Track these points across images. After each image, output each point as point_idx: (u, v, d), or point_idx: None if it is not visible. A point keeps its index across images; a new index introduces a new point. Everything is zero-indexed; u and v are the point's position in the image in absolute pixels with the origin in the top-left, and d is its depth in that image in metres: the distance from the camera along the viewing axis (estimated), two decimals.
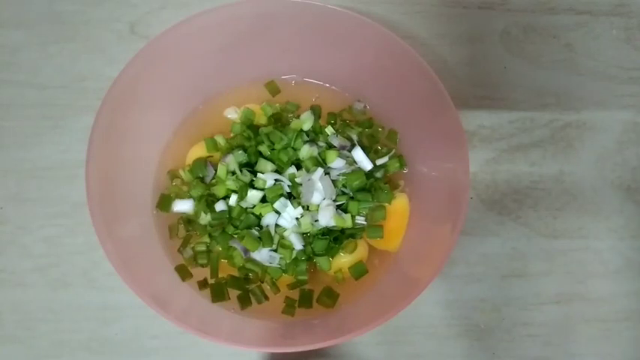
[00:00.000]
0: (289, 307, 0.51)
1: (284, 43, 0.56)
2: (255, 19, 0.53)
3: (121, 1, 0.65)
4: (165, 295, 0.48)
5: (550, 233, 0.59)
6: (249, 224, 0.51)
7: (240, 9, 0.53)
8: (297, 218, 0.51)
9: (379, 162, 0.55)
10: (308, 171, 0.52)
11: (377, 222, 0.53)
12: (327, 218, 0.51)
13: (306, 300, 0.52)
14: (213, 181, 0.54)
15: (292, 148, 0.53)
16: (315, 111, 0.57)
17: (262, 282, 0.52)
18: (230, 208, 0.52)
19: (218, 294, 0.51)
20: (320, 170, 0.52)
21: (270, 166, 0.53)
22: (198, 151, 0.55)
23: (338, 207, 0.52)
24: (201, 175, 0.54)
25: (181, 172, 0.55)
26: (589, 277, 0.58)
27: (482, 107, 0.63)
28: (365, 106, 0.59)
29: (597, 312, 0.56)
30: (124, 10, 0.65)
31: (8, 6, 0.65)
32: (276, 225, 0.52)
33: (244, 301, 0.51)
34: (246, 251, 0.51)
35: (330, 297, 0.52)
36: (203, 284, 0.51)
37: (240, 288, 0.51)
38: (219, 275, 0.52)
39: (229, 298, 0.51)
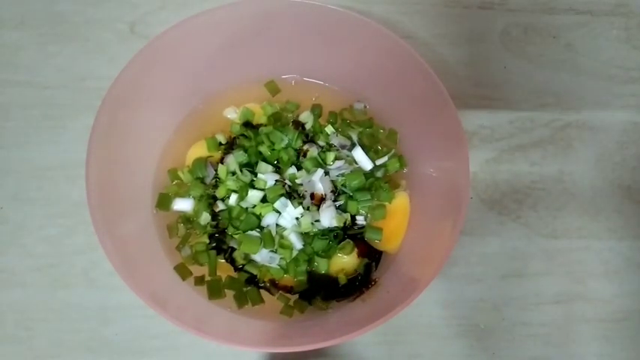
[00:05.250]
0: (288, 307, 0.51)
1: (284, 43, 0.56)
2: (255, 19, 0.53)
3: (121, 1, 0.65)
4: (164, 295, 0.47)
5: (550, 233, 0.59)
6: (249, 225, 0.51)
7: (240, 9, 0.53)
8: (297, 218, 0.51)
9: (379, 162, 0.55)
10: (308, 172, 0.52)
11: (377, 220, 0.53)
12: (329, 219, 0.51)
13: (305, 300, 0.52)
14: (213, 181, 0.54)
15: (292, 148, 0.53)
16: (315, 110, 0.57)
17: (262, 282, 0.52)
18: (230, 207, 0.52)
19: (215, 291, 0.51)
20: (320, 171, 0.52)
21: (270, 167, 0.53)
22: (198, 150, 0.55)
23: (337, 207, 0.52)
24: (200, 176, 0.54)
25: (180, 174, 0.55)
26: (589, 277, 0.57)
27: (482, 107, 0.63)
28: (365, 106, 0.59)
29: (597, 312, 0.56)
30: (124, 10, 0.65)
31: (8, 6, 0.65)
32: (276, 225, 0.52)
33: (241, 301, 0.51)
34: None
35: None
36: (200, 280, 0.51)
37: (237, 289, 0.51)
38: (218, 274, 0.52)
39: (225, 296, 0.51)
